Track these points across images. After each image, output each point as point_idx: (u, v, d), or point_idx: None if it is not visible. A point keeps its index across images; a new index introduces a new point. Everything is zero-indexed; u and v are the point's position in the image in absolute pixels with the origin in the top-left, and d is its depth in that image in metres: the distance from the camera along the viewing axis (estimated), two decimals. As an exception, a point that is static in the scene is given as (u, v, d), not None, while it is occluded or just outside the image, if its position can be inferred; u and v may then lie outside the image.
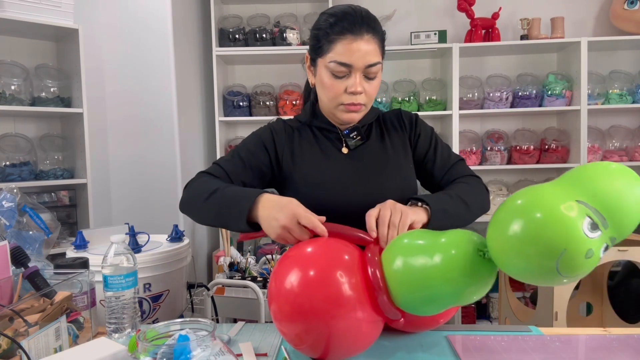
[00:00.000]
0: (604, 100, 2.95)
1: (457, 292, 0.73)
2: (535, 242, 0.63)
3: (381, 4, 3.12)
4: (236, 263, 2.36)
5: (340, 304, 0.77)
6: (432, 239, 0.78)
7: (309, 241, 0.88)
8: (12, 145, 2.30)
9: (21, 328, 0.81)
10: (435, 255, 0.74)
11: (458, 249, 0.73)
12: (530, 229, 0.64)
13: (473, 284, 0.73)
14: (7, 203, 1.22)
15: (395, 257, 0.79)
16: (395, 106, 2.98)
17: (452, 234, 0.77)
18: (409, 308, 0.80)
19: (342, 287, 0.78)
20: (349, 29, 0.99)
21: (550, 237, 0.62)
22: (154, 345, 0.64)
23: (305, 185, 1.10)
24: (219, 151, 2.94)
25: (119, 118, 2.59)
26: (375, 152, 1.13)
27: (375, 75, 1.04)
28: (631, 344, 0.92)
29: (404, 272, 0.77)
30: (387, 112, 1.21)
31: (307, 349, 0.83)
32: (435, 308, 0.79)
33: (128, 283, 0.96)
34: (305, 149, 1.14)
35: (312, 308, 0.77)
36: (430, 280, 0.74)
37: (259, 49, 2.90)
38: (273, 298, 0.83)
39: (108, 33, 2.55)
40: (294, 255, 0.85)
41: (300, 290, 0.79)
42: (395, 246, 0.82)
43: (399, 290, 0.78)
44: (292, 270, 0.81)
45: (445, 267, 0.73)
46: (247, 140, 1.16)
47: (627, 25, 2.92)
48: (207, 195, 0.99)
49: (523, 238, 0.64)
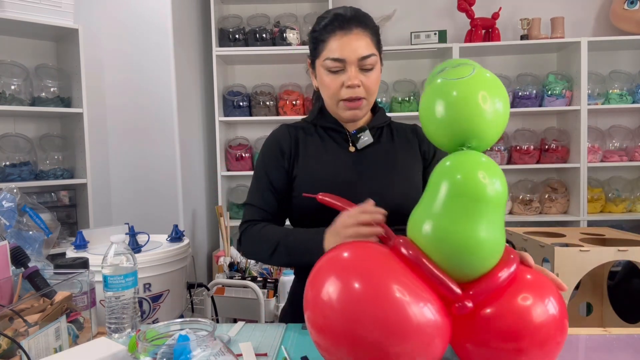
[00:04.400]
0: (604, 100, 2.95)
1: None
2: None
3: (381, 4, 3.11)
4: (236, 263, 2.37)
5: (403, 327, 0.63)
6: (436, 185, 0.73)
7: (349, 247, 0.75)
8: (12, 145, 2.30)
9: (21, 328, 0.81)
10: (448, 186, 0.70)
11: (462, 173, 0.70)
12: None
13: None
14: (7, 203, 1.22)
15: (422, 225, 0.72)
16: (395, 106, 2.99)
17: (452, 159, 0.73)
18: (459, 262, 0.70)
19: (402, 307, 0.64)
20: (338, 26, 1.05)
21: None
22: (154, 345, 0.64)
23: (310, 182, 1.10)
24: (219, 151, 2.94)
25: (119, 118, 2.59)
26: (383, 153, 1.14)
27: (371, 67, 1.06)
28: (631, 344, 0.92)
29: (436, 230, 0.70)
30: (402, 123, 1.23)
31: None
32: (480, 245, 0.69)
33: (128, 283, 0.96)
34: (310, 147, 1.14)
35: (366, 339, 0.63)
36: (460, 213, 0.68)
37: (259, 49, 2.90)
38: (309, 307, 0.71)
39: (108, 33, 2.55)
40: (335, 261, 0.72)
41: (347, 315, 0.64)
42: (415, 220, 0.76)
43: (442, 252, 0.70)
44: (338, 285, 0.67)
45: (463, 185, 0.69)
46: (262, 165, 1.17)
47: (627, 25, 2.92)
48: (271, 252, 1.05)
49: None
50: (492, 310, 0.70)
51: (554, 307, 0.71)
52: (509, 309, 0.70)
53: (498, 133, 0.75)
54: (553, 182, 3.09)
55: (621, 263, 2.38)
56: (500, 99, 0.74)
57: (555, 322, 0.70)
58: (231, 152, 3.07)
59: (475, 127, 0.72)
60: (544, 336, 0.69)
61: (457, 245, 0.69)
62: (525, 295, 0.70)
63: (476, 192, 0.68)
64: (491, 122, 0.73)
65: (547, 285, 0.74)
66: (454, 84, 0.73)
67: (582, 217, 2.88)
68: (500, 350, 0.70)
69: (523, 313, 0.69)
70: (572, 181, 2.97)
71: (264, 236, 1.08)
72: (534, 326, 0.68)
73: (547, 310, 0.70)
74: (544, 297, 0.71)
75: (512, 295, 0.71)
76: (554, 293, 0.73)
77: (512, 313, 0.69)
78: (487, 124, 0.73)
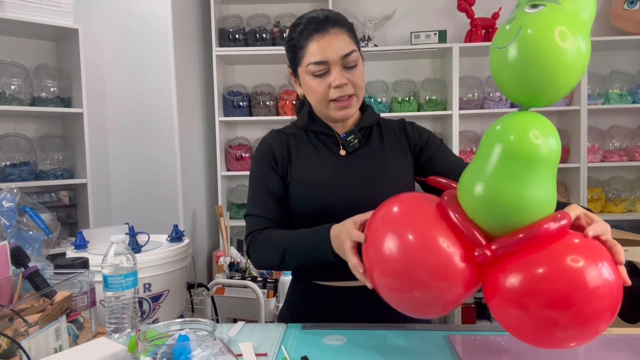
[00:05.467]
0: (604, 100, 2.95)
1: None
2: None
3: (381, 4, 3.12)
4: (236, 263, 2.37)
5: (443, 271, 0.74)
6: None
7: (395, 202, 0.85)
8: (12, 145, 2.30)
9: (21, 328, 0.81)
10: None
11: (514, 133, 0.71)
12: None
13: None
14: (7, 203, 1.22)
15: (472, 187, 0.74)
16: (395, 106, 2.99)
17: (503, 122, 0.74)
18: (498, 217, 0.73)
19: (444, 255, 0.74)
20: (314, 29, 1.04)
21: None
22: (154, 345, 0.64)
23: (301, 186, 1.10)
24: (219, 151, 2.94)
25: (119, 118, 2.59)
26: (374, 154, 1.13)
27: (355, 63, 1.06)
28: (631, 344, 0.92)
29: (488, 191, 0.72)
30: (390, 120, 1.22)
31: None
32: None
33: (128, 283, 0.96)
34: (301, 151, 1.14)
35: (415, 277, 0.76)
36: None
37: (259, 49, 2.90)
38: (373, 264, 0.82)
39: (108, 33, 2.55)
40: (387, 217, 0.83)
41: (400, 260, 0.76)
42: (465, 181, 0.78)
43: (485, 215, 0.74)
44: (389, 236, 0.78)
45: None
46: (257, 172, 1.15)
47: (627, 25, 2.92)
48: (280, 259, 1.04)
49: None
50: (527, 261, 0.69)
51: (608, 272, 0.65)
52: (553, 265, 0.67)
53: (578, 77, 0.69)
54: (553, 182, 3.09)
55: (621, 263, 2.37)
56: (582, 37, 0.67)
57: (608, 290, 0.65)
58: (231, 152, 3.07)
59: (551, 69, 0.66)
60: (594, 308, 0.65)
61: (507, 206, 0.70)
62: (575, 257, 0.66)
63: (529, 153, 0.68)
64: (571, 64, 0.66)
65: (600, 250, 0.70)
66: (529, 17, 0.67)
67: (582, 217, 2.87)
68: (535, 315, 0.68)
69: (571, 273, 0.64)
70: (572, 181, 2.97)
71: (269, 244, 1.07)
72: (585, 292, 0.64)
73: (601, 274, 0.65)
74: (597, 260, 0.67)
75: (556, 252, 0.68)
76: (607, 258, 0.68)
77: (557, 271, 0.66)
78: (566, 66, 0.66)
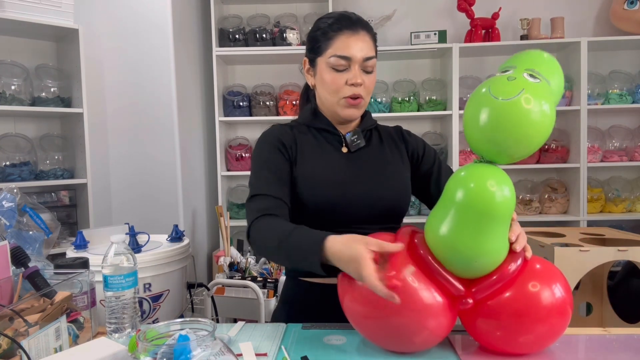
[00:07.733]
0: (604, 100, 2.95)
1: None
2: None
3: (381, 4, 3.12)
4: (236, 263, 2.36)
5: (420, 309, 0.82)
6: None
7: None
8: (12, 145, 2.30)
9: (21, 328, 0.81)
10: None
11: (475, 182, 0.80)
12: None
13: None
14: (7, 203, 1.22)
15: (438, 229, 0.83)
16: (395, 106, 2.99)
17: (467, 170, 0.83)
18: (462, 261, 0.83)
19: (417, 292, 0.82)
20: (346, 26, 1.07)
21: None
22: (154, 345, 0.64)
23: (304, 183, 1.10)
24: (219, 151, 2.94)
25: (119, 118, 2.59)
26: (374, 155, 1.16)
27: (372, 69, 1.10)
28: (631, 344, 0.92)
29: (450, 232, 0.82)
30: (386, 126, 1.25)
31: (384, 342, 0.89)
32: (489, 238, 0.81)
33: (128, 283, 0.96)
34: (305, 147, 1.14)
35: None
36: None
37: (259, 49, 2.90)
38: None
39: (108, 33, 2.55)
40: None
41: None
42: (432, 223, 0.86)
43: (450, 257, 0.83)
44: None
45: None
46: (264, 155, 1.11)
47: (627, 25, 2.92)
48: (271, 255, 1.02)
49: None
50: (501, 299, 0.84)
51: (559, 291, 0.84)
52: (520, 294, 0.83)
53: (538, 146, 0.81)
54: (553, 182, 3.09)
55: (621, 263, 2.38)
56: (547, 120, 0.78)
57: (558, 305, 0.83)
58: (231, 152, 3.07)
59: (516, 145, 0.79)
60: (547, 314, 0.82)
61: (466, 255, 0.81)
62: (534, 283, 0.83)
63: (485, 205, 0.78)
64: (533, 141, 0.79)
65: (555, 273, 0.87)
66: (501, 105, 0.77)
67: (582, 217, 2.88)
68: (508, 327, 0.83)
69: (531, 296, 0.82)
70: (572, 181, 2.97)
71: (270, 231, 0.99)
72: (540, 306, 0.82)
73: (553, 294, 0.83)
74: (551, 283, 0.84)
75: (521, 283, 0.84)
76: (560, 280, 0.85)
77: (522, 296, 0.82)
78: (530, 143, 0.79)
